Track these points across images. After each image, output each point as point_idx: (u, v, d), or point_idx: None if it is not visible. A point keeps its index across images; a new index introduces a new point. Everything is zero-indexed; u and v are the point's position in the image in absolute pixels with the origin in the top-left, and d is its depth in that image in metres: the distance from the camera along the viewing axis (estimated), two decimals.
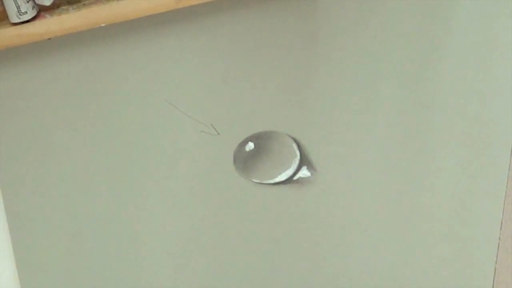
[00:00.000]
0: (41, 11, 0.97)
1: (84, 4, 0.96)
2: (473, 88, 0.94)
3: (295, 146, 0.93)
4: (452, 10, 0.95)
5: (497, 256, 0.87)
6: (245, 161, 0.93)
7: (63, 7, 0.97)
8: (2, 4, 0.96)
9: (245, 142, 0.94)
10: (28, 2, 0.96)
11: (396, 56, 0.95)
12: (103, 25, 0.94)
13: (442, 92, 0.94)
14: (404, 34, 0.96)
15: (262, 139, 0.94)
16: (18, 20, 0.97)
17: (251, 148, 0.93)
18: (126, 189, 0.95)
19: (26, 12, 0.96)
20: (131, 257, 0.91)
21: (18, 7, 0.96)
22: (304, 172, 0.93)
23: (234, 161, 0.94)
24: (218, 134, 0.95)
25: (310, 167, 0.93)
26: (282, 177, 0.92)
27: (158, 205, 0.94)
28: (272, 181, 0.92)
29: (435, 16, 0.96)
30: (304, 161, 0.93)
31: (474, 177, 0.91)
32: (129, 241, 0.92)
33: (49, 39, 0.97)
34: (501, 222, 0.88)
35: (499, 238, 0.88)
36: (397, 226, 0.89)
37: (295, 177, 0.93)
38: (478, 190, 0.91)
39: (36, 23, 0.97)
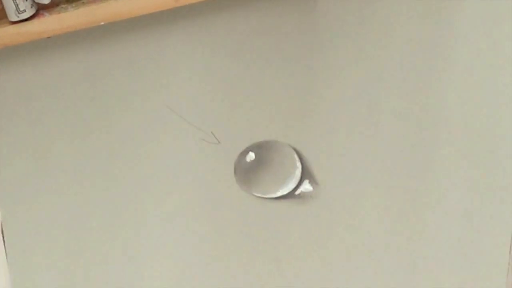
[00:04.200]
0: (40, 9, 0.97)
1: (83, 2, 0.96)
2: (480, 97, 0.92)
3: (296, 158, 0.92)
4: (459, 14, 0.94)
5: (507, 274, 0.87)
6: (246, 173, 0.93)
7: (63, 6, 0.97)
8: (1, 2, 0.96)
9: (245, 152, 0.93)
10: (26, 0, 0.96)
11: (400, 63, 0.94)
12: (102, 23, 0.94)
13: (448, 102, 0.93)
14: (407, 41, 0.94)
15: (263, 149, 0.93)
16: (16, 19, 0.96)
17: (252, 159, 0.92)
18: (122, 196, 0.95)
19: (24, 11, 0.96)
20: (128, 267, 0.93)
21: (16, 5, 0.96)
22: (306, 187, 0.91)
23: (235, 172, 0.93)
24: (219, 142, 0.94)
25: (312, 181, 0.92)
26: (284, 191, 0.91)
27: (155, 215, 0.94)
28: (273, 196, 0.91)
29: (440, 20, 0.94)
30: (306, 174, 0.92)
31: (482, 188, 0.91)
32: (126, 249, 0.93)
33: (48, 37, 0.97)
34: None
35: (510, 253, 0.88)
36: (404, 248, 0.89)
37: (297, 192, 0.91)
38: (486, 202, 0.90)
39: (35, 21, 0.96)
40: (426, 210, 0.90)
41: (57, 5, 0.96)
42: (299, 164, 0.91)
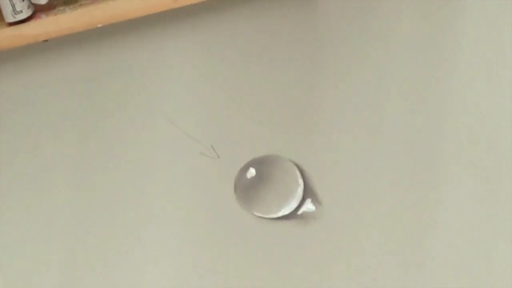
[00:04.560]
0: (37, 11, 0.97)
1: (80, 4, 0.96)
2: (488, 111, 0.91)
3: (298, 174, 0.89)
4: (463, 14, 0.93)
5: None
6: (246, 190, 0.90)
7: (60, 8, 0.97)
8: None
9: (246, 167, 0.91)
10: (23, 0, 0.97)
11: (405, 71, 0.93)
12: (100, 25, 0.94)
13: (455, 114, 0.91)
14: (412, 49, 0.93)
15: (264, 165, 0.90)
16: (13, 19, 0.97)
17: (252, 175, 0.90)
18: (117, 213, 0.94)
19: (21, 11, 0.96)
20: (125, 285, 0.92)
21: (13, 6, 0.96)
22: (309, 206, 0.89)
23: (235, 189, 0.91)
24: (218, 157, 0.92)
25: (315, 200, 0.89)
26: (286, 211, 0.89)
27: (151, 235, 0.93)
28: (274, 216, 0.89)
29: (444, 21, 0.93)
30: (309, 192, 0.89)
31: (492, 207, 0.89)
32: (122, 267, 0.92)
33: (45, 41, 0.97)
34: None
35: None
36: (410, 271, 0.88)
37: (299, 212, 0.89)
38: (495, 221, 0.88)
39: (32, 23, 0.96)
40: (432, 230, 0.88)
41: (54, 7, 0.97)
42: (301, 182, 0.89)
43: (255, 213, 0.89)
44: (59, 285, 0.92)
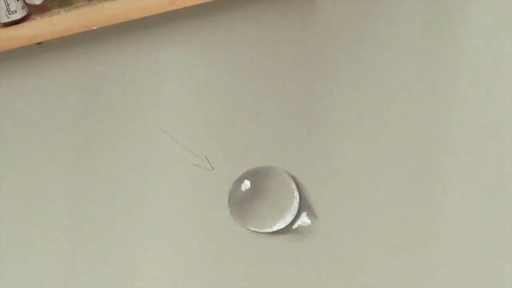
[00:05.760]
0: (31, 14, 0.98)
1: (75, 6, 0.97)
2: (491, 120, 0.90)
3: (294, 187, 0.88)
4: (469, 25, 0.92)
5: None
6: (240, 204, 0.88)
7: (55, 10, 0.98)
8: None
9: (240, 180, 0.89)
10: (17, 0, 0.97)
11: (406, 82, 0.92)
12: (94, 27, 0.95)
13: (456, 130, 0.91)
14: (414, 56, 0.93)
15: (259, 177, 0.89)
16: (7, 20, 0.97)
17: (247, 188, 0.88)
18: (107, 222, 0.94)
19: (15, 11, 0.97)
20: None
21: (7, 5, 0.97)
22: (304, 220, 0.88)
23: (229, 203, 0.89)
24: (213, 169, 0.92)
25: (311, 213, 0.88)
26: (281, 225, 0.87)
27: (142, 250, 0.93)
28: (269, 230, 0.88)
29: (448, 30, 0.93)
30: (304, 205, 0.88)
31: (494, 225, 0.89)
32: (113, 281, 0.92)
33: (39, 43, 0.98)
34: None
35: None
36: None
37: (294, 226, 0.88)
38: (498, 240, 0.88)
39: (26, 25, 0.97)
40: (434, 245, 0.88)
41: (49, 9, 0.98)
42: (297, 194, 0.88)
43: (249, 228, 0.88)
44: None
